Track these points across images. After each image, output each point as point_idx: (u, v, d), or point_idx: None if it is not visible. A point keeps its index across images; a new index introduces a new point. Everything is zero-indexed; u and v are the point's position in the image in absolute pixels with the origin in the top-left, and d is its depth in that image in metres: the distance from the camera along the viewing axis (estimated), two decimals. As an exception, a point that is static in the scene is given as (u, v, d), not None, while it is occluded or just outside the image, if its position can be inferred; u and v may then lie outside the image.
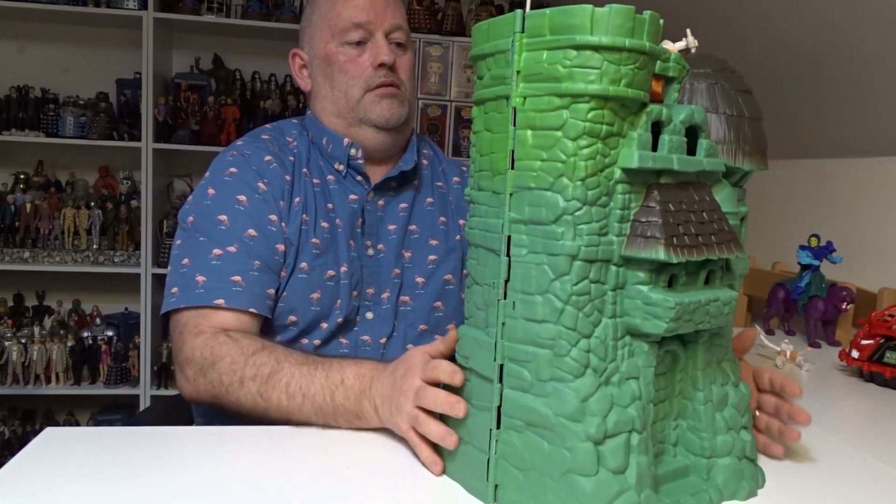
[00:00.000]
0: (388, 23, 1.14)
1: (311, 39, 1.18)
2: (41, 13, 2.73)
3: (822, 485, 0.79)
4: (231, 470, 0.76)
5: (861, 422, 1.06)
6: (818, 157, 1.88)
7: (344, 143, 1.14)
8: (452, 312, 1.19)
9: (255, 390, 0.89)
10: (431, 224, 1.21)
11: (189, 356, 0.96)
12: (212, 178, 1.10)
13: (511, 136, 0.66)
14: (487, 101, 0.69)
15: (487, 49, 0.68)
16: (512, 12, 0.65)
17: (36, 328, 2.74)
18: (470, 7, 3.03)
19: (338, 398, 0.84)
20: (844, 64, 1.74)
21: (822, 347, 1.51)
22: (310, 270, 1.09)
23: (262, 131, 1.19)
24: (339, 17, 1.13)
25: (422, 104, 2.90)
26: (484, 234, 0.70)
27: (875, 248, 1.68)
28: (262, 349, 0.92)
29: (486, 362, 0.70)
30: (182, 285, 1.02)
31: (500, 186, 0.67)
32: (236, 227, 1.05)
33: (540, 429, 0.65)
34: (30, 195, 2.76)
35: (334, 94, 1.14)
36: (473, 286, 0.73)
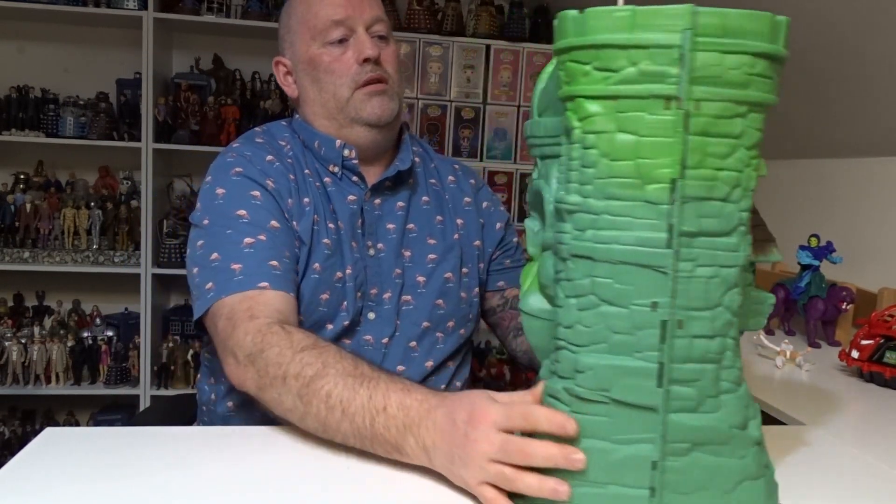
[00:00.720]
0: (368, 16, 1.12)
1: (293, 45, 1.15)
2: (41, 13, 2.73)
3: (823, 485, 0.79)
4: (231, 470, 0.76)
5: (861, 422, 1.06)
6: (818, 157, 1.88)
7: (336, 145, 1.12)
8: (453, 309, 1.18)
9: (296, 391, 0.82)
10: (429, 223, 1.20)
11: (240, 341, 0.90)
12: (218, 180, 1.08)
13: (683, 143, 0.60)
14: (624, 98, 0.61)
15: (623, 40, 0.60)
16: (677, 5, 0.59)
17: (36, 328, 2.74)
18: (470, 7, 3.03)
19: (377, 426, 0.75)
20: (844, 64, 1.74)
21: (822, 347, 1.51)
22: (321, 271, 1.07)
23: (255, 134, 1.16)
24: (317, 17, 1.11)
25: (422, 104, 2.90)
26: (629, 248, 0.62)
27: (875, 248, 1.68)
28: (312, 347, 0.85)
29: (640, 390, 0.63)
30: (217, 278, 0.98)
31: (658, 197, 0.61)
32: (259, 219, 1.03)
33: (710, 445, 0.64)
34: (30, 195, 2.76)
35: (323, 96, 1.12)
36: (603, 307, 0.63)
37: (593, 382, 0.63)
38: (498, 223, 1.29)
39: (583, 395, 0.64)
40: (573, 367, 0.64)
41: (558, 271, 0.66)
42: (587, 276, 0.63)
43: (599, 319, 0.63)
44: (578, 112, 0.63)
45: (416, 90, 2.88)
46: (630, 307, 0.62)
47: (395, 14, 2.96)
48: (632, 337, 0.62)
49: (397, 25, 2.93)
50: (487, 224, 1.27)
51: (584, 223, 0.63)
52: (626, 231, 0.61)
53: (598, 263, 0.62)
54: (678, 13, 0.59)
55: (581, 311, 0.63)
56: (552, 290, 0.68)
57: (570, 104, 0.64)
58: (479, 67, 2.92)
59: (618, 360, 0.63)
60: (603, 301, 0.63)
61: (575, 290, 0.64)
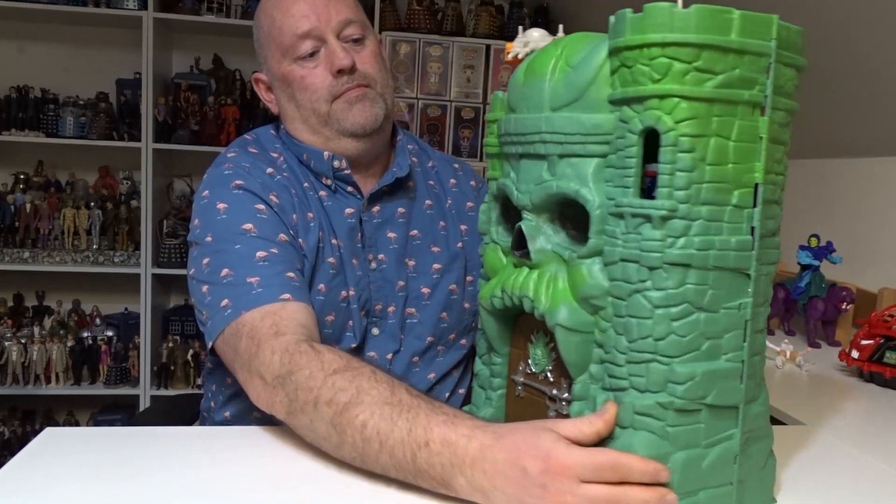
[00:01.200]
0: (336, 21, 1.03)
1: (266, 61, 1.09)
2: (41, 13, 2.73)
3: (822, 485, 0.79)
4: (231, 470, 0.76)
5: (861, 422, 1.06)
6: (818, 157, 1.88)
7: (325, 157, 1.05)
8: (456, 323, 1.13)
9: (329, 418, 0.74)
10: (432, 229, 1.14)
11: (267, 361, 0.82)
12: (217, 194, 1.00)
13: (766, 149, 0.63)
14: (719, 102, 0.60)
15: (727, 42, 0.60)
16: (767, 15, 0.61)
17: (36, 328, 2.74)
18: (470, 7, 3.03)
19: (420, 461, 0.68)
20: (844, 64, 1.74)
21: (822, 347, 1.51)
22: (327, 292, 1.02)
23: (247, 143, 1.10)
24: (282, 32, 1.03)
25: (422, 104, 2.90)
26: (723, 253, 0.62)
27: (875, 248, 1.68)
28: (344, 369, 0.77)
29: (730, 391, 0.64)
30: (233, 294, 0.90)
31: (744, 201, 0.63)
32: (267, 233, 0.96)
33: (757, 430, 0.69)
34: (30, 195, 2.76)
35: (302, 113, 1.06)
36: (696, 314, 0.62)
37: (692, 392, 0.62)
38: None
39: (681, 406, 0.62)
40: (666, 380, 0.62)
41: (640, 280, 0.62)
42: (682, 285, 0.61)
43: (694, 327, 0.62)
44: (674, 113, 0.60)
45: (416, 90, 2.88)
46: (720, 311, 0.63)
47: (396, 14, 2.96)
48: (720, 340, 0.63)
49: (397, 25, 2.93)
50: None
51: (678, 230, 0.61)
52: (719, 236, 0.62)
53: (693, 270, 0.61)
54: (769, 22, 0.61)
55: (675, 320, 0.61)
56: (601, 300, 0.65)
57: (655, 103, 0.60)
58: (479, 67, 2.92)
59: (713, 366, 0.63)
60: (697, 308, 0.62)
61: (668, 299, 0.61)
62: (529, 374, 0.75)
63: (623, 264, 0.63)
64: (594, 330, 0.66)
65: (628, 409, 0.63)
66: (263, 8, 1.08)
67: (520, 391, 0.77)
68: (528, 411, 0.75)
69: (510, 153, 0.73)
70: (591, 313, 0.66)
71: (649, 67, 0.60)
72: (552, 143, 0.67)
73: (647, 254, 0.61)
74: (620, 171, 0.63)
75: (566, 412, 0.70)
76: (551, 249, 0.69)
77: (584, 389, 0.67)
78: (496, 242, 0.78)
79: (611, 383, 0.65)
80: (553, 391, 0.72)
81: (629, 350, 0.63)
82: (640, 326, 0.62)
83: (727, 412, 0.65)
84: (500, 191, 0.76)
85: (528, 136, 0.69)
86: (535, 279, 0.70)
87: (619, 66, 0.63)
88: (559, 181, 0.67)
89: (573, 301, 0.66)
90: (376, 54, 1.08)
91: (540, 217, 0.70)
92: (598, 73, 0.65)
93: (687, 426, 0.63)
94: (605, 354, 0.65)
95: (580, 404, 0.68)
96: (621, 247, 0.63)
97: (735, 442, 0.66)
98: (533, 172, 0.70)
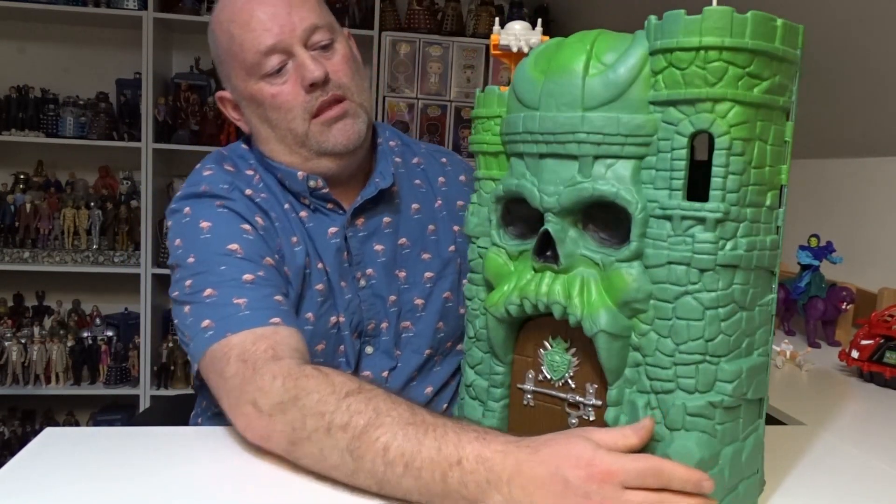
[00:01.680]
0: (301, 29, 0.94)
1: (229, 79, 0.99)
2: (41, 13, 2.73)
3: (823, 485, 0.79)
4: (231, 470, 0.76)
5: (861, 422, 1.06)
6: (818, 157, 1.88)
7: (299, 177, 0.97)
8: (453, 331, 1.07)
9: (345, 444, 0.69)
10: (421, 235, 1.07)
11: (266, 386, 0.75)
12: (200, 212, 0.94)
13: (790, 153, 0.66)
14: (763, 107, 0.62)
15: (774, 49, 0.61)
16: (796, 24, 0.63)
17: (36, 328, 2.74)
18: (470, 7, 3.03)
19: (451, 481, 0.65)
20: (844, 64, 1.74)
21: (822, 347, 1.51)
22: (316, 320, 0.96)
23: (223, 159, 1.02)
24: (244, 49, 0.94)
25: (422, 104, 2.90)
26: (762, 253, 0.64)
27: (875, 248, 1.68)
28: (358, 391, 0.72)
29: (763, 384, 0.67)
30: (216, 315, 0.84)
31: (774, 202, 0.65)
32: (253, 254, 0.90)
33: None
34: (30, 195, 2.76)
35: (277, 133, 0.97)
36: (739, 313, 0.63)
37: (738, 389, 0.63)
38: None
39: (729, 403, 0.63)
40: (715, 379, 0.63)
41: (691, 282, 0.62)
42: (731, 285, 0.62)
43: (738, 326, 0.64)
44: (728, 117, 0.60)
45: (416, 90, 2.88)
46: (756, 309, 0.65)
47: (396, 14, 2.96)
48: (754, 337, 0.66)
49: (397, 25, 2.93)
50: None
51: (729, 232, 0.62)
52: (758, 236, 0.64)
53: (740, 271, 0.62)
54: (797, 32, 0.63)
55: (724, 321, 0.62)
56: (643, 304, 0.64)
57: (708, 106, 0.60)
58: (479, 67, 2.92)
59: (750, 361, 0.65)
60: (741, 308, 0.64)
61: (718, 300, 0.62)
62: (542, 382, 0.73)
63: (670, 267, 0.62)
64: (631, 334, 0.65)
65: (680, 411, 0.63)
66: (218, 22, 0.98)
67: (528, 400, 0.74)
68: (541, 420, 0.73)
69: (527, 152, 0.70)
70: (629, 317, 0.65)
71: (705, 70, 0.60)
72: (588, 143, 0.65)
73: (701, 256, 0.61)
74: (666, 174, 0.63)
75: (592, 418, 0.69)
76: (580, 253, 0.67)
77: (619, 394, 0.67)
78: (500, 246, 0.74)
79: (653, 386, 0.64)
80: (576, 397, 0.70)
81: (676, 352, 0.62)
82: (689, 328, 0.62)
83: (756, 404, 0.68)
84: (507, 192, 0.72)
85: (559, 136, 0.66)
86: (564, 285, 0.67)
87: (667, 66, 0.62)
88: (595, 183, 0.65)
89: (612, 306, 0.65)
90: (348, 58, 1.00)
91: (565, 220, 0.67)
92: (640, 73, 0.63)
93: (731, 422, 0.65)
94: (644, 358, 0.64)
95: (615, 409, 0.66)
96: (668, 249, 0.62)
97: (761, 431, 0.69)
98: (561, 173, 0.67)
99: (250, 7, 0.94)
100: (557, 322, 0.68)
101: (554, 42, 0.72)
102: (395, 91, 2.92)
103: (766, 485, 0.74)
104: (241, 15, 0.94)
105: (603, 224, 0.68)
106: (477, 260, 0.78)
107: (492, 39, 0.81)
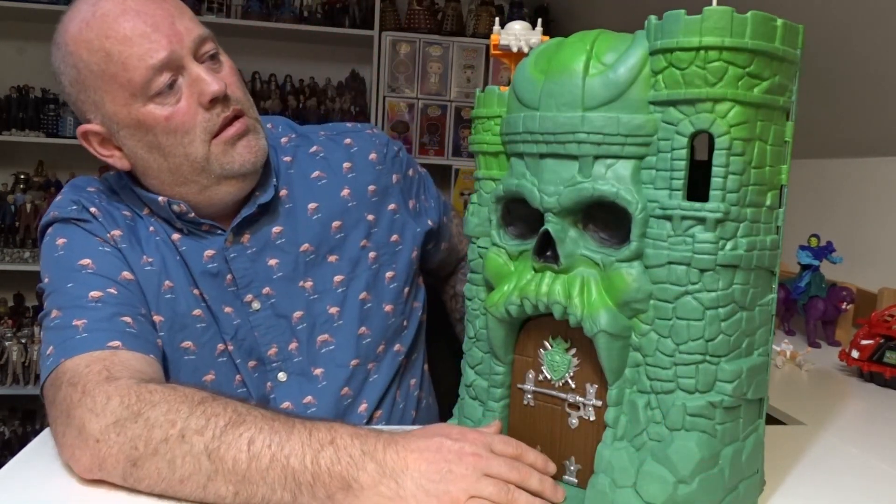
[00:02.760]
0: (190, 39, 0.85)
1: (99, 105, 0.85)
2: (41, 13, 2.73)
3: (823, 485, 0.79)
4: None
5: (861, 422, 1.06)
6: (818, 157, 1.88)
7: (160, 202, 0.89)
8: (380, 333, 0.99)
9: (203, 447, 0.65)
10: (324, 236, 0.97)
11: (100, 407, 0.68)
12: (55, 234, 0.87)
13: (790, 153, 0.66)
14: (763, 107, 0.62)
15: (773, 49, 0.61)
16: (796, 24, 0.63)
17: (36, 328, 2.74)
18: (470, 7, 3.03)
19: (323, 461, 0.63)
20: (845, 64, 1.74)
21: (822, 347, 1.51)
22: (198, 349, 0.89)
23: (88, 182, 0.95)
24: (128, 67, 0.81)
25: (422, 104, 2.90)
26: (762, 253, 0.64)
27: (875, 248, 1.68)
28: (212, 398, 0.69)
29: (763, 384, 0.67)
30: (57, 340, 0.78)
31: (774, 202, 0.65)
32: (107, 270, 0.84)
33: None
34: (30, 195, 2.76)
35: (170, 161, 0.86)
36: (739, 313, 0.64)
37: (738, 389, 0.63)
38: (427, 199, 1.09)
39: (729, 403, 0.63)
40: (715, 379, 0.63)
41: (691, 282, 0.62)
42: (731, 285, 0.62)
43: (738, 326, 0.64)
44: (729, 117, 0.60)
45: (417, 90, 2.89)
46: (756, 309, 0.65)
47: (396, 14, 2.96)
48: (754, 336, 0.66)
49: (397, 25, 2.93)
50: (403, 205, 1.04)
51: (730, 232, 0.62)
52: (758, 236, 0.64)
53: (740, 271, 0.63)
54: (798, 31, 0.63)
55: (724, 321, 0.63)
56: (643, 304, 0.64)
57: (709, 106, 0.60)
58: (479, 67, 2.92)
59: (750, 361, 0.65)
60: (741, 308, 0.64)
61: (718, 300, 0.62)
62: (542, 382, 0.73)
63: (670, 267, 0.62)
64: (631, 334, 0.65)
65: (680, 412, 0.63)
66: (83, 41, 0.82)
67: (529, 400, 0.74)
68: (540, 420, 0.73)
69: (527, 152, 0.70)
70: (629, 317, 0.65)
71: (705, 70, 0.60)
72: (588, 143, 0.65)
73: (701, 256, 0.61)
74: (666, 174, 0.63)
75: (592, 418, 0.69)
76: (580, 253, 0.67)
77: (619, 395, 0.67)
78: (500, 246, 0.74)
79: (653, 386, 0.64)
80: (576, 398, 0.70)
81: (676, 352, 0.63)
82: (689, 328, 0.62)
83: (756, 404, 0.68)
84: (507, 192, 0.72)
85: (559, 136, 0.66)
86: (563, 285, 0.67)
87: (667, 66, 0.62)
88: (595, 183, 0.65)
89: (613, 306, 0.65)
90: (235, 70, 0.91)
91: (565, 220, 0.67)
92: (640, 73, 0.63)
93: (731, 422, 0.65)
94: (644, 358, 0.64)
95: (616, 409, 0.66)
96: (668, 249, 0.62)
97: (761, 431, 0.69)
98: (561, 173, 0.67)
99: (125, 20, 0.81)
100: (557, 322, 0.68)
101: (554, 42, 0.71)
102: (395, 91, 2.92)
103: (766, 485, 0.74)
104: (117, 29, 0.81)
105: (603, 224, 0.68)
106: (477, 260, 0.78)
107: (492, 39, 0.81)
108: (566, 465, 0.71)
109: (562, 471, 0.72)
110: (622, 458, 0.65)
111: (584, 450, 0.70)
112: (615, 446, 0.65)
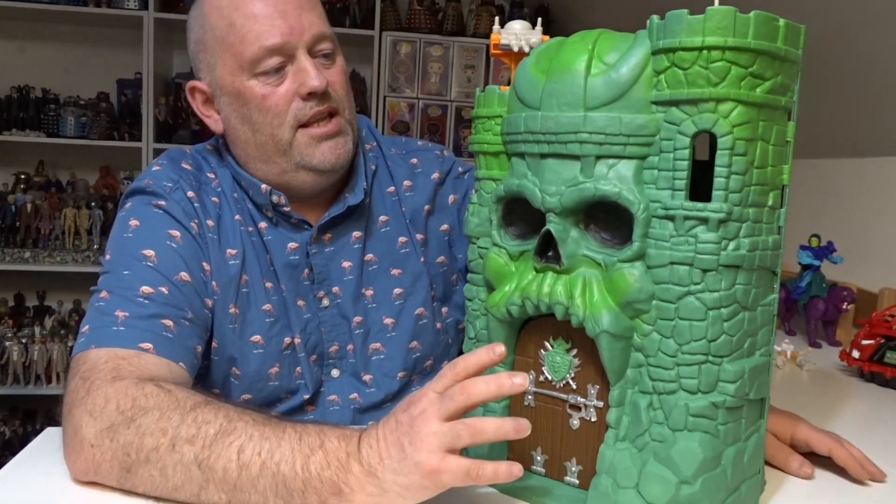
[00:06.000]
0: (309, 34, 0.88)
1: (212, 68, 0.90)
2: (41, 13, 2.73)
3: (823, 485, 0.79)
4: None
5: (861, 422, 1.06)
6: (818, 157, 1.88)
7: (262, 190, 0.92)
8: (430, 349, 1.01)
9: (193, 456, 0.64)
10: (390, 249, 1.00)
11: (95, 408, 0.69)
12: (136, 209, 0.89)
13: (792, 153, 0.66)
14: (766, 107, 0.62)
15: (776, 49, 0.61)
16: (799, 25, 0.64)
17: (37, 328, 2.75)
18: (470, 7, 3.03)
19: (313, 466, 0.62)
20: (844, 64, 1.74)
21: (823, 347, 1.51)
22: (265, 343, 0.91)
23: (181, 156, 0.96)
24: (245, 41, 0.86)
25: (422, 104, 2.90)
26: (764, 253, 0.64)
27: (875, 248, 1.68)
28: (204, 404, 0.68)
29: (765, 384, 0.67)
30: (95, 323, 0.79)
31: (776, 202, 0.65)
32: (166, 267, 0.84)
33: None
34: (30, 195, 2.76)
35: (257, 137, 0.90)
36: (742, 313, 0.63)
37: (741, 389, 0.63)
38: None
39: (731, 404, 0.63)
40: (717, 379, 0.63)
41: (694, 282, 0.62)
42: (733, 286, 0.62)
43: (740, 326, 0.63)
44: (731, 117, 0.60)
45: (417, 90, 2.89)
46: (758, 309, 0.65)
47: (396, 14, 2.96)
48: (756, 337, 0.66)
49: (398, 25, 2.93)
50: (457, 227, 1.05)
51: (732, 232, 0.61)
52: (760, 236, 0.64)
53: (743, 271, 0.62)
54: (800, 31, 0.63)
55: (726, 321, 0.62)
56: (646, 304, 0.64)
57: (711, 106, 0.60)
58: (479, 67, 2.92)
59: (752, 362, 0.65)
60: (743, 308, 0.63)
61: (720, 301, 0.62)
62: (543, 383, 0.73)
63: (673, 267, 0.62)
64: (633, 334, 0.65)
65: (682, 412, 0.62)
66: (215, 6, 0.89)
67: (529, 401, 0.74)
68: (541, 421, 0.73)
69: (528, 152, 0.69)
70: (631, 318, 0.65)
71: (708, 70, 0.59)
72: (590, 143, 0.65)
73: (703, 256, 0.61)
74: (668, 174, 0.62)
75: (593, 419, 0.69)
76: (582, 254, 0.67)
77: (621, 395, 0.66)
78: (500, 247, 0.74)
79: (655, 387, 0.64)
80: (578, 398, 0.70)
81: (679, 352, 0.62)
82: (692, 329, 0.62)
83: (758, 404, 0.68)
84: (508, 192, 0.72)
85: (561, 136, 0.66)
86: (565, 285, 0.67)
87: (669, 66, 0.61)
88: (597, 183, 0.64)
89: (615, 307, 0.65)
90: (345, 72, 0.94)
91: (567, 220, 0.67)
92: (642, 73, 0.63)
93: (733, 422, 0.64)
94: (646, 358, 0.64)
95: (618, 410, 0.66)
96: (670, 249, 0.62)
97: (763, 431, 0.69)
98: (562, 173, 0.66)
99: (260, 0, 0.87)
100: (558, 322, 0.68)
101: (555, 42, 0.71)
102: (396, 91, 2.92)
103: (767, 485, 0.74)
104: (249, 5, 0.87)
105: (605, 224, 0.68)
106: (477, 260, 0.78)
107: (492, 39, 0.81)
108: (567, 466, 0.71)
109: (563, 472, 0.72)
110: (624, 459, 0.64)
111: (585, 451, 0.70)
112: (617, 447, 0.65)
